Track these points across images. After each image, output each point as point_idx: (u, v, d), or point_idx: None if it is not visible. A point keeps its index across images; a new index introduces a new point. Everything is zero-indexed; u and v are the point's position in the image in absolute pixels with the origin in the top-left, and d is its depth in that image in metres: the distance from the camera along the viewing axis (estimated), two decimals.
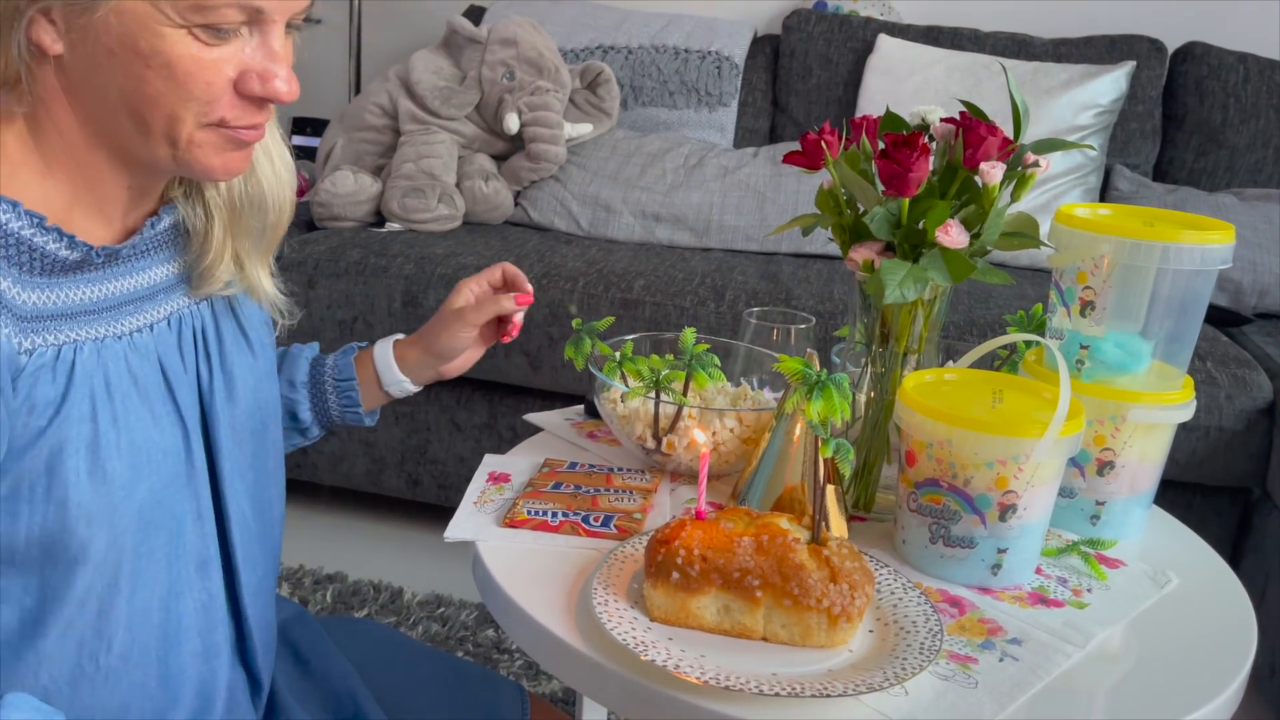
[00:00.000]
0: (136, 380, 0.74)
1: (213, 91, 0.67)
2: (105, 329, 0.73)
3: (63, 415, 0.69)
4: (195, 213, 0.79)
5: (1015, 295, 1.92)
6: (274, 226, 0.82)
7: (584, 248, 2.06)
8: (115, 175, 0.72)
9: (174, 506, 0.76)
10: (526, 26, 2.22)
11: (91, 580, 0.71)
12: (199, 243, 0.80)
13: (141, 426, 0.73)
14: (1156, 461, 0.94)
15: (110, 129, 0.69)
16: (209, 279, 0.80)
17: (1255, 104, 2.24)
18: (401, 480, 2.01)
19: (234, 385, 0.82)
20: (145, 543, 0.74)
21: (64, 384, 0.69)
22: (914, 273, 0.83)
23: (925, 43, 2.34)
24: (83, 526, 0.69)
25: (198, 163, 0.70)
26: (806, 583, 0.70)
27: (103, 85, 0.67)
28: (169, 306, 0.79)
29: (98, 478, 0.70)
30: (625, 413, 0.98)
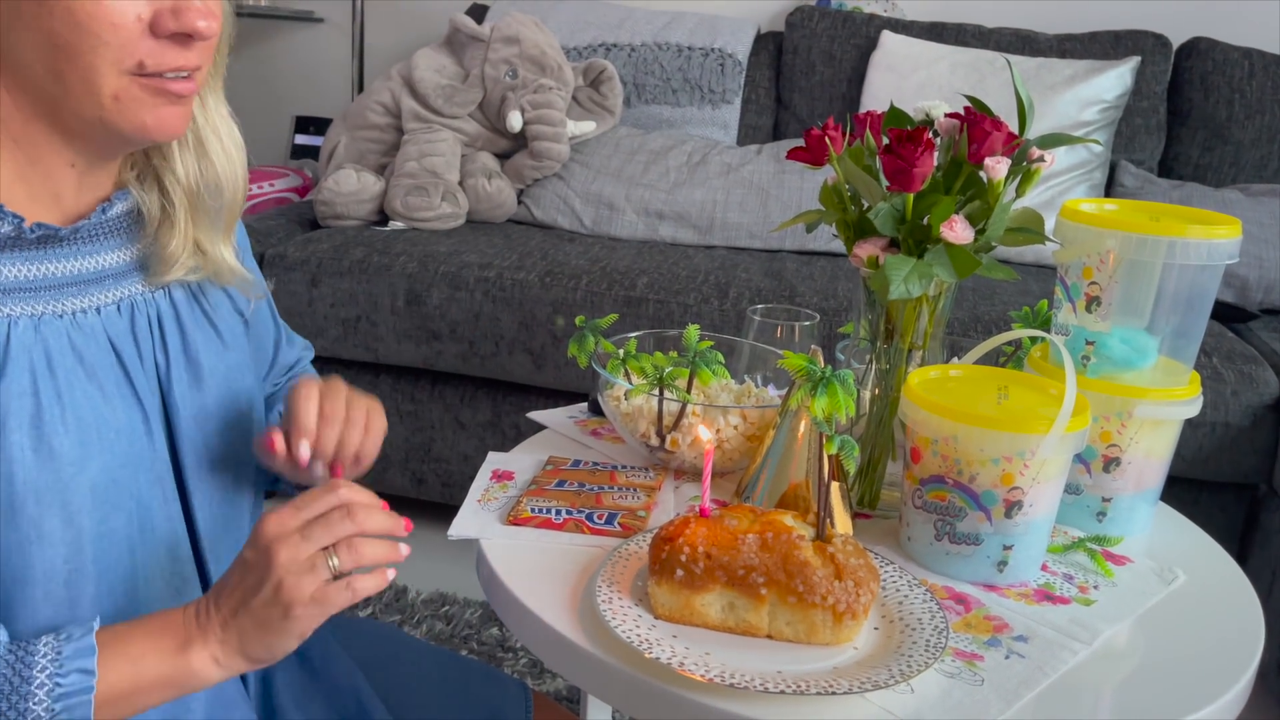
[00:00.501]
0: (82, 358, 0.73)
1: (121, 34, 0.65)
2: (43, 307, 0.71)
3: (0, 389, 0.68)
4: (151, 198, 0.78)
5: (1020, 291, 1.92)
6: (230, 205, 0.81)
7: (587, 245, 2.06)
8: (56, 149, 0.71)
9: (134, 487, 0.75)
10: (529, 24, 2.22)
11: (52, 561, 0.70)
12: (154, 229, 0.78)
13: (89, 403, 0.72)
14: (1163, 458, 0.94)
15: (38, 94, 0.67)
16: (168, 266, 0.78)
17: (1261, 99, 2.23)
18: (406, 478, 2.01)
19: (200, 374, 0.81)
20: (105, 522, 0.73)
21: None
22: (919, 269, 0.83)
23: (929, 39, 2.34)
24: (31, 503, 0.68)
25: (128, 120, 0.68)
26: (811, 580, 0.70)
27: (19, 47, 0.66)
28: (119, 292, 0.77)
29: (43, 454, 0.69)
30: (629, 410, 0.98)
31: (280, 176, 2.58)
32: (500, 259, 1.91)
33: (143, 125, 0.69)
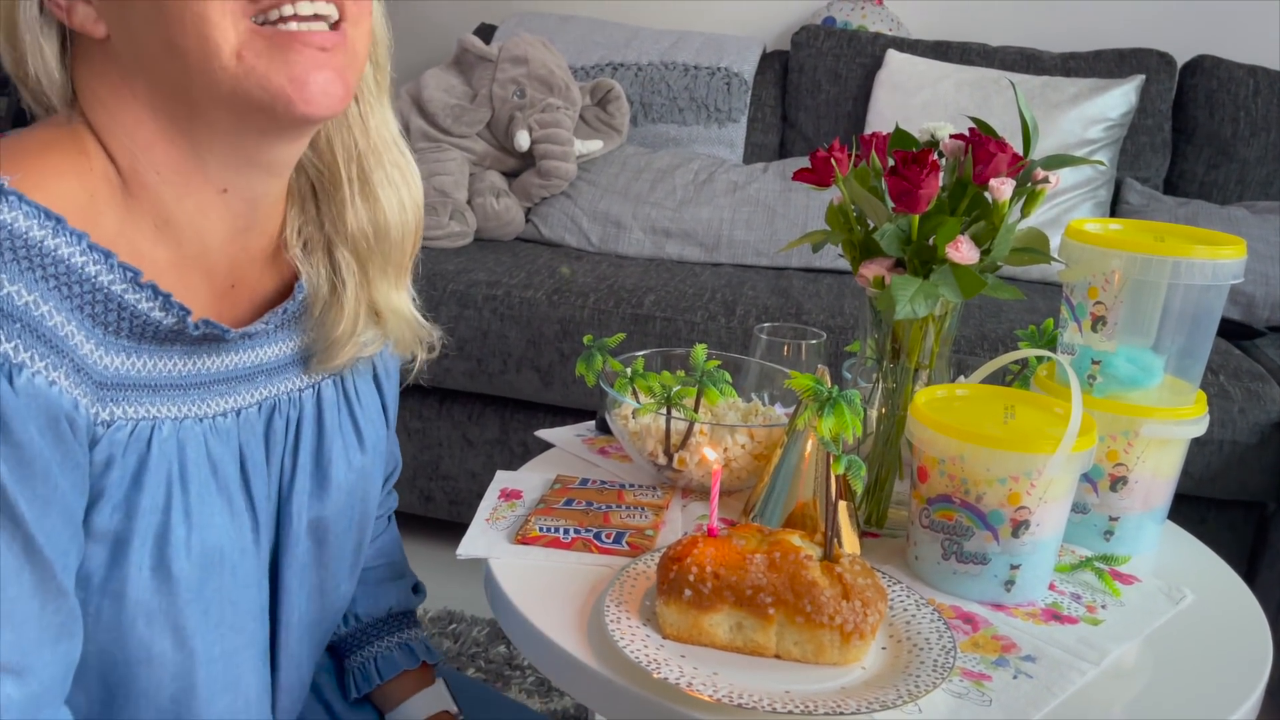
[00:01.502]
0: (215, 470, 0.66)
1: None
2: (188, 408, 0.64)
3: (132, 503, 0.61)
4: (320, 274, 0.70)
5: (1026, 309, 1.92)
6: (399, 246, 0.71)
7: (594, 263, 2.07)
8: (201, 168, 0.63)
9: (249, 608, 0.69)
10: (537, 44, 2.24)
11: (159, 679, 0.65)
12: (321, 311, 0.70)
13: (215, 523, 0.65)
14: (1170, 477, 0.94)
15: (170, 93, 0.60)
16: (336, 351, 0.70)
17: (1266, 117, 2.23)
18: (414, 496, 2.02)
19: (327, 484, 0.74)
20: (219, 644, 0.67)
21: (135, 467, 0.61)
22: (925, 289, 0.83)
23: (934, 58, 2.35)
24: (141, 624, 0.63)
25: (264, 88, 0.59)
26: (819, 600, 0.70)
27: (138, 34, 0.59)
28: (268, 390, 0.70)
29: (160, 576, 0.63)
30: (636, 429, 0.98)
31: None
32: (508, 277, 1.91)
33: (280, 90, 0.59)
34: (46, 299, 0.56)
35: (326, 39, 0.61)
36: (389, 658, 0.90)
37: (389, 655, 0.90)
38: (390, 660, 0.90)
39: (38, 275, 0.55)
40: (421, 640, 0.93)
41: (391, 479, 0.96)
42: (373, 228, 0.70)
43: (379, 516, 0.94)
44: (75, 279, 0.57)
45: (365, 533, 0.81)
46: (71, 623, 0.59)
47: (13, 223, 0.55)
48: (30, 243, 0.55)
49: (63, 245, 0.56)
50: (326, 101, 0.61)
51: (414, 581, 0.97)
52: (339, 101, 0.62)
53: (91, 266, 0.58)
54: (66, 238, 0.57)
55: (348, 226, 0.70)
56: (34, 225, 0.55)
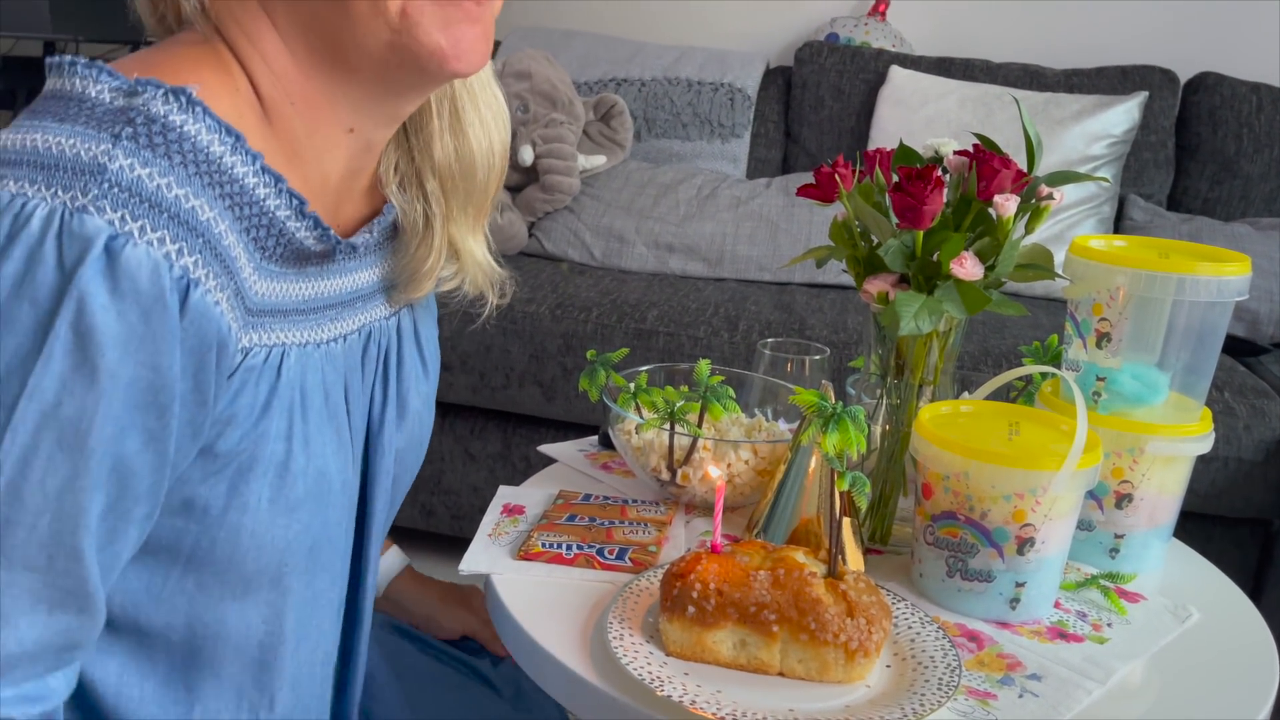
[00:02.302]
0: (328, 397, 0.65)
1: None
2: (309, 334, 0.64)
3: (259, 430, 0.60)
4: (415, 208, 0.70)
5: (1029, 324, 1.92)
6: (483, 188, 0.72)
7: (597, 278, 2.07)
8: (336, 109, 0.62)
9: (339, 545, 0.68)
10: (540, 59, 2.25)
11: (251, 622, 0.63)
12: (415, 243, 0.70)
13: (327, 452, 0.65)
14: (1175, 494, 0.93)
15: (317, 36, 0.59)
16: (423, 281, 0.71)
17: (1269, 133, 2.24)
18: (415, 510, 2.01)
19: (405, 411, 0.74)
20: (311, 586, 0.66)
21: (267, 394, 0.60)
22: (929, 305, 0.83)
23: (937, 74, 2.35)
24: (251, 559, 0.61)
25: (422, 43, 0.58)
26: (823, 617, 0.69)
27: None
28: (365, 316, 0.70)
29: (279, 505, 0.61)
30: (640, 444, 0.98)
31: None
32: (511, 291, 1.91)
33: (438, 48, 0.59)
34: (223, 217, 0.55)
35: (481, 6, 0.60)
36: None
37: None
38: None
39: (217, 193, 0.54)
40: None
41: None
42: (459, 163, 0.70)
43: None
44: (247, 200, 0.56)
45: (420, 465, 0.81)
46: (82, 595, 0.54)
47: (197, 135, 0.54)
48: (212, 158, 0.54)
49: (239, 164, 0.56)
50: (476, 59, 0.61)
51: None
52: (485, 58, 0.62)
53: (262, 189, 0.57)
54: (243, 157, 0.56)
55: (434, 159, 0.70)
56: (215, 140, 0.55)
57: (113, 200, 0.50)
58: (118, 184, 0.50)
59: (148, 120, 0.52)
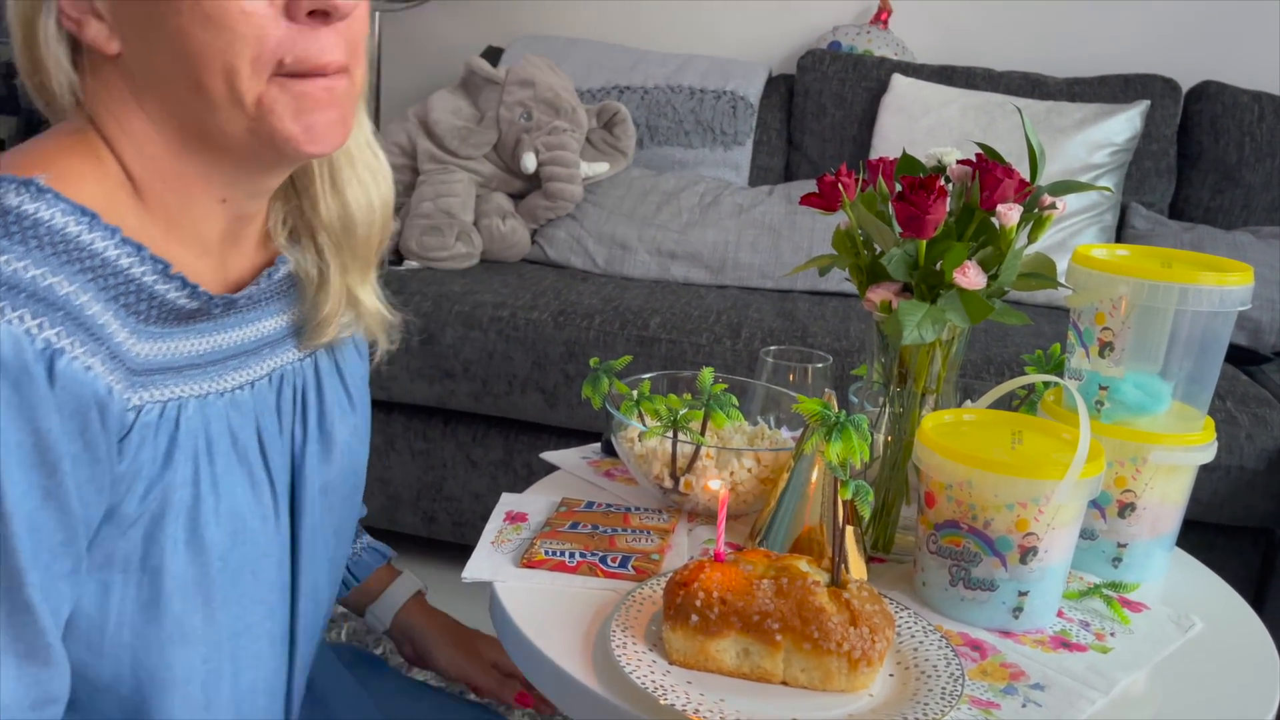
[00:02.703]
0: (236, 441, 0.70)
1: (253, 21, 0.60)
2: (209, 385, 0.68)
3: (165, 480, 0.64)
4: (307, 258, 0.75)
5: (1032, 333, 1.92)
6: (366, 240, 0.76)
7: (600, 285, 2.07)
8: (207, 183, 0.66)
9: (268, 578, 0.72)
10: (543, 67, 2.25)
11: (191, 661, 0.67)
12: (313, 291, 0.75)
13: (240, 492, 0.69)
14: (1178, 503, 0.93)
15: (181, 119, 0.64)
16: (325, 328, 0.75)
17: (1271, 142, 2.24)
18: (417, 517, 2.01)
19: (331, 447, 0.78)
20: (242, 618, 0.70)
21: (166, 445, 0.64)
22: (932, 314, 0.83)
23: (939, 82, 2.36)
24: (178, 600, 0.65)
25: (277, 130, 0.63)
26: (827, 626, 0.69)
27: (159, 66, 0.62)
28: (274, 362, 0.74)
29: (194, 547, 0.65)
30: (643, 452, 0.98)
31: None
32: (514, 298, 1.92)
33: (292, 134, 0.64)
34: (85, 290, 0.59)
35: (336, 83, 0.65)
36: (359, 561, 0.99)
37: (359, 559, 0.99)
38: (361, 563, 0.99)
39: (76, 268, 0.58)
40: (375, 541, 1.02)
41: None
42: (342, 221, 0.75)
43: None
44: (110, 270, 0.60)
45: (359, 495, 0.87)
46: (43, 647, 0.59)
47: (51, 219, 0.58)
48: (68, 237, 0.58)
49: (97, 240, 0.60)
50: (331, 141, 0.66)
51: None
52: (341, 140, 0.67)
53: (125, 259, 0.61)
54: (101, 232, 0.60)
55: (320, 216, 0.75)
56: (70, 221, 0.59)
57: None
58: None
59: (1, 212, 0.57)
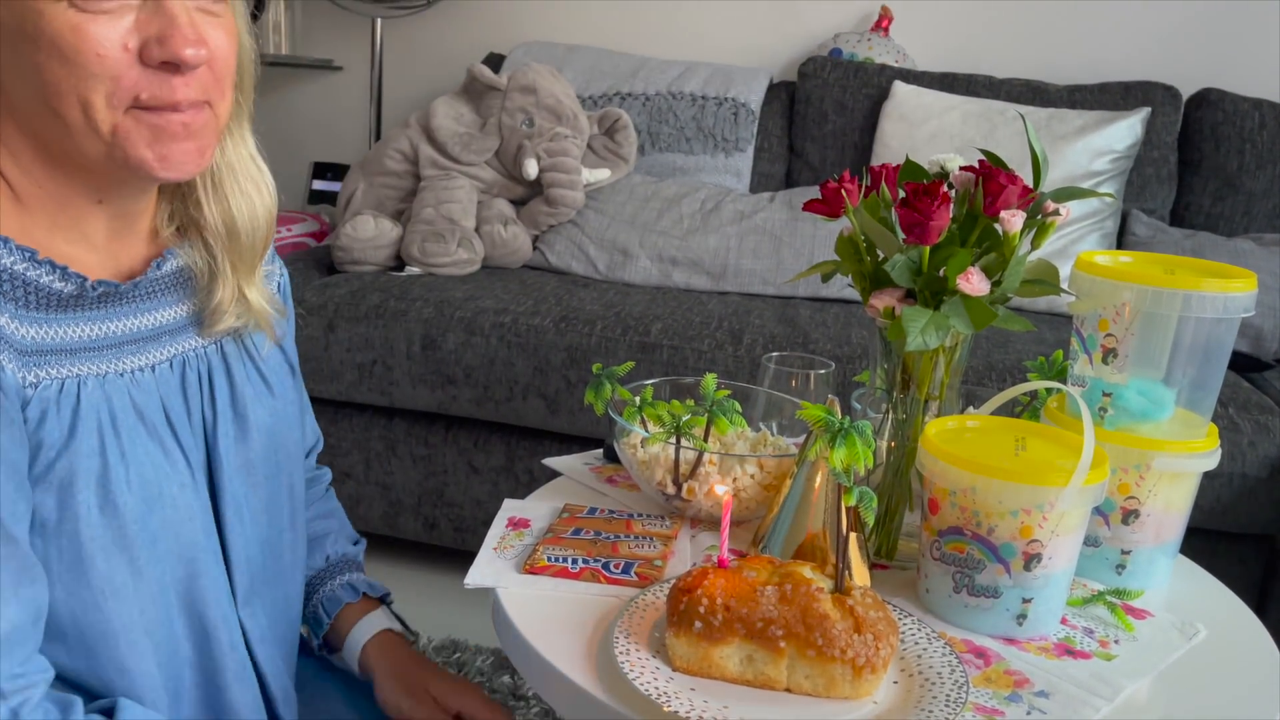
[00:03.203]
0: (143, 416, 0.74)
1: (107, 64, 0.64)
2: (107, 366, 0.73)
3: (71, 449, 0.69)
4: (195, 252, 0.79)
5: (1034, 339, 1.92)
6: (250, 247, 0.81)
7: (601, 291, 2.07)
8: (79, 187, 0.71)
9: (194, 539, 0.77)
10: (545, 74, 2.26)
11: (128, 613, 0.72)
12: (205, 283, 0.80)
13: (151, 461, 0.74)
14: (1182, 510, 0.93)
15: (46, 135, 0.68)
16: (218, 317, 0.80)
17: (1272, 149, 2.24)
18: (418, 523, 2.01)
19: (247, 427, 0.83)
20: (170, 572, 0.75)
21: (69, 417, 0.69)
22: (935, 320, 0.83)
23: (940, 89, 2.36)
24: (100, 559, 0.70)
25: (131, 156, 0.68)
26: (830, 633, 0.69)
27: (17, 90, 0.66)
28: (174, 349, 0.79)
29: (109, 512, 0.70)
30: (645, 458, 0.98)
31: (298, 221, 2.61)
32: (515, 304, 1.92)
33: (144, 161, 0.68)
34: None
35: (194, 118, 0.69)
36: (332, 597, 0.97)
37: (332, 594, 0.98)
38: (334, 598, 0.97)
39: None
40: (364, 579, 1.00)
41: (315, 450, 1.04)
42: (225, 226, 0.80)
43: (315, 486, 1.04)
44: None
45: (294, 478, 0.88)
46: (29, 567, 0.66)
47: None
48: None
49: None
50: (186, 169, 0.70)
51: (353, 536, 1.05)
52: (196, 168, 0.71)
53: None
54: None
55: (204, 218, 0.79)
56: None
57: None
58: None
59: None
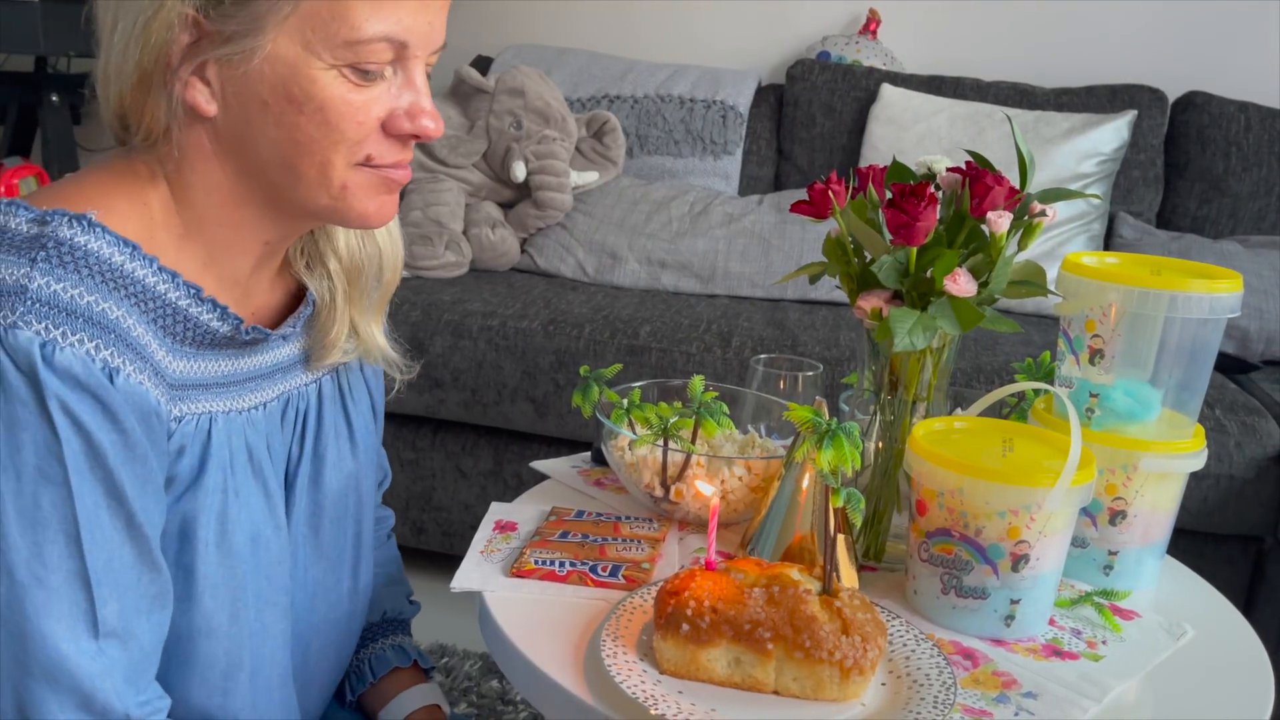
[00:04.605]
0: (251, 456, 0.76)
1: (363, 131, 0.68)
2: (231, 403, 0.74)
3: (200, 485, 0.71)
4: (321, 285, 0.80)
5: (1022, 341, 1.92)
6: (387, 285, 0.84)
7: (590, 294, 2.07)
8: (256, 230, 0.73)
9: (282, 583, 0.78)
10: (533, 76, 2.25)
11: (214, 653, 0.73)
12: (324, 314, 0.81)
13: (256, 503, 0.75)
14: (1169, 510, 0.93)
15: (261, 183, 0.70)
16: (329, 351, 0.81)
17: (1257, 152, 2.25)
18: (406, 527, 2.00)
19: (322, 470, 0.83)
20: (260, 619, 0.76)
21: (200, 453, 0.71)
22: (922, 321, 0.83)
23: (928, 92, 2.37)
24: (208, 598, 0.72)
25: (353, 209, 0.71)
26: (818, 635, 0.69)
27: (255, 140, 0.68)
28: (283, 386, 0.80)
29: (224, 550, 0.72)
30: (633, 460, 0.97)
31: None
32: (504, 307, 1.91)
33: (365, 213, 0.71)
34: (130, 314, 0.65)
35: (405, 175, 0.72)
36: (382, 657, 0.96)
37: (382, 654, 0.96)
38: (383, 659, 0.96)
39: (121, 294, 0.65)
40: (415, 647, 0.98)
41: (383, 487, 1.01)
42: (364, 253, 0.82)
43: (377, 530, 1.01)
44: (149, 296, 0.67)
45: (363, 528, 0.89)
46: (164, 594, 0.68)
47: (99, 250, 0.65)
48: (114, 266, 0.65)
49: (139, 268, 0.66)
50: (391, 217, 0.74)
51: (409, 593, 1.03)
52: (395, 215, 0.75)
53: (162, 285, 0.68)
54: (141, 262, 0.67)
55: (336, 245, 0.81)
56: (115, 252, 0.65)
57: (37, 314, 0.61)
58: (38, 300, 0.61)
59: (57, 244, 0.63)
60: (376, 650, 0.96)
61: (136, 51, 0.66)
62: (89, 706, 0.63)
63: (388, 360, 0.86)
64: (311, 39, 0.65)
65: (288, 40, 0.65)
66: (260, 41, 0.65)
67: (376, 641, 0.96)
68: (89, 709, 0.63)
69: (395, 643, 0.97)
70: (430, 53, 0.70)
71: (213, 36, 0.65)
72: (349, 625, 0.89)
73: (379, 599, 0.98)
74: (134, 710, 0.65)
